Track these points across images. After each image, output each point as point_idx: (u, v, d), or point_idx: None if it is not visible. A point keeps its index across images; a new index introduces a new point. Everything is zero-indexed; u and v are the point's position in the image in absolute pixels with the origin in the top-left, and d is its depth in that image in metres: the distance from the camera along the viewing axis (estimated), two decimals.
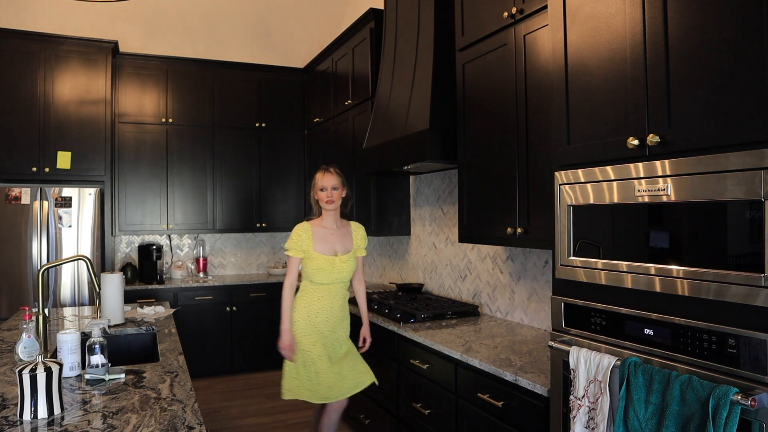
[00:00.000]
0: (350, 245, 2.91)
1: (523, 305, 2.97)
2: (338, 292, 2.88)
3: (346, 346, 2.93)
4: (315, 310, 2.82)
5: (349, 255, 2.87)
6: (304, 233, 2.83)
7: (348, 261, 2.85)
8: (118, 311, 2.95)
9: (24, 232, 4.24)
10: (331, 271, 2.81)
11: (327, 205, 2.85)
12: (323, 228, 2.88)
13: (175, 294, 4.86)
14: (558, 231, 1.78)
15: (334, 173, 2.87)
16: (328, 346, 2.84)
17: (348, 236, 2.93)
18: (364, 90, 4.13)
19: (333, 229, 2.89)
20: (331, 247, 2.85)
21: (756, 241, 1.23)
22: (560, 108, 1.79)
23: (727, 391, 1.24)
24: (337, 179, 2.86)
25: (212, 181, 5.25)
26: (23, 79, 4.42)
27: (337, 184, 2.85)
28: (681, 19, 1.41)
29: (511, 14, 2.45)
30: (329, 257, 2.82)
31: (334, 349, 2.87)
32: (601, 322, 1.64)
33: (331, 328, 2.85)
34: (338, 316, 2.88)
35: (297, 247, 2.82)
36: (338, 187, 2.86)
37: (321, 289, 2.84)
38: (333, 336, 2.86)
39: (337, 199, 2.85)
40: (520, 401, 2.03)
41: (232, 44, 5.55)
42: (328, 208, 2.85)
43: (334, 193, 2.84)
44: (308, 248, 2.81)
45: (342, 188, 2.88)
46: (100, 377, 1.94)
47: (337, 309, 2.87)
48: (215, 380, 4.92)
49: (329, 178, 2.85)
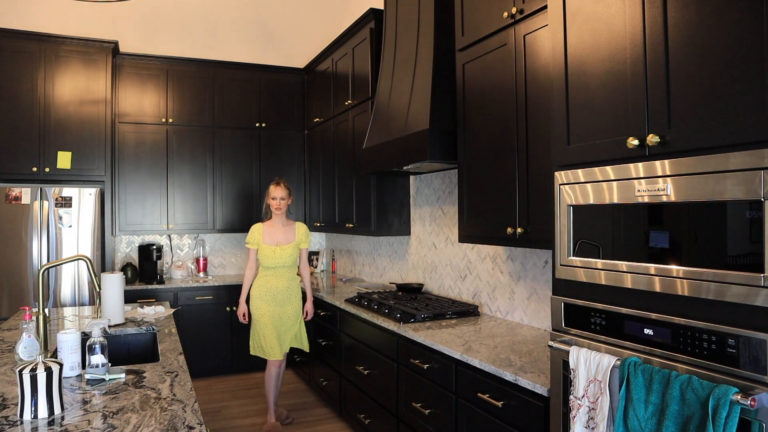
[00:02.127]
0: (292, 238, 3.82)
1: (523, 305, 2.97)
2: (283, 275, 3.78)
3: (292, 319, 3.81)
4: (265, 289, 3.74)
5: (290, 245, 3.78)
6: (256, 231, 3.82)
7: (288, 249, 3.76)
8: (119, 311, 2.95)
9: (24, 232, 4.24)
10: (273, 257, 3.73)
11: (276, 211, 3.80)
12: (272, 227, 3.82)
13: (175, 294, 4.86)
14: (558, 231, 1.78)
15: (284, 187, 3.80)
16: (275, 316, 3.72)
17: (291, 232, 3.83)
18: (364, 90, 4.13)
19: (279, 227, 3.82)
20: (275, 239, 3.78)
21: (756, 241, 1.23)
22: (560, 108, 1.80)
23: (727, 391, 1.24)
24: (285, 191, 3.80)
25: (212, 181, 5.25)
26: (23, 79, 4.42)
27: (285, 196, 3.78)
28: (681, 19, 1.41)
29: (511, 14, 2.45)
30: (272, 247, 3.75)
31: (281, 320, 3.75)
32: (601, 322, 1.64)
33: (278, 303, 3.74)
34: (283, 294, 3.77)
35: (252, 240, 3.80)
36: (285, 198, 3.79)
37: (269, 272, 3.76)
38: (280, 310, 3.75)
39: (283, 207, 3.79)
40: (520, 401, 2.03)
41: (232, 44, 5.55)
42: (276, 213, 3.81)
43: (282, 202, 3.78)
44: (259, 241, 3.77)
45: (288, 198, 3.80)
46: (100, 377, 1.94)
47: (282, 288, 3.76)
48: (215, 380, 4.92)
49: (279, 191, 3.78)
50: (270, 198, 3.80)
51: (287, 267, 3.78)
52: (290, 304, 3.79)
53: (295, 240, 3.81)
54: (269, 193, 3.81)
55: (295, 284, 3.84)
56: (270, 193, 3.81)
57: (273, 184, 3.81)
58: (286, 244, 3.77)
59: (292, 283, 3.82)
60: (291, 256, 3.77)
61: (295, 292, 3.83)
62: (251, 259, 3.85)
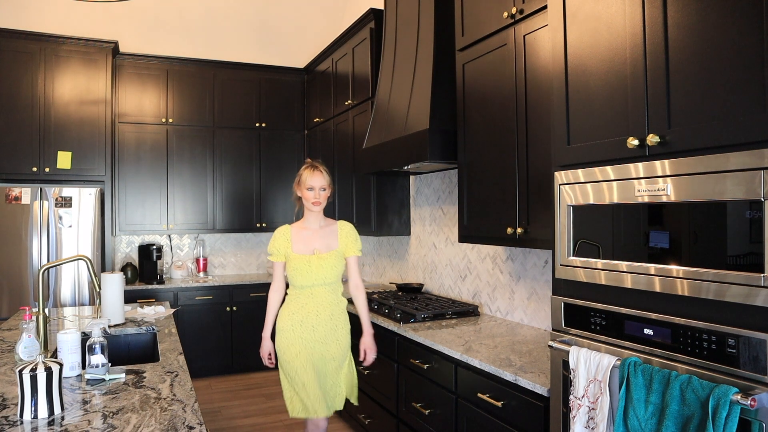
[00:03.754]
0: (334, 243, 2.70)
1: (523, 305, 2.97)
2: (324, 297, 2.65)
3: (339, 360, 2.69)
4: (299, 319, 2.63)
5: (331, 254, 2.67)
6: (282, 236, 2.70)
7: (327, 259, 2.64)
8: (119, 311, 2.95)
9: (24, 232, 4.24)
10: (308, 270, 2.62)
11: (313, 206, 2.68)
12: (305, 229, 2.73)
13: (175, 294, 4.86)
14: (558, 231, 1.78)
15: (323, 172, 2.69)
16: (315, 356, 2.62)
17: (332, 235, 2.73)
18: (364, 90, 4.13)
19: (315, 230, 2.72)
20: (310, 245, 2.68)
21: (756, 241, 1.23)
22: (560, 108, 1.79)
23: (727, 391, 1.24)
24: (326, 179, 2.68)
25: (212, 181, 5.25)
26: (23, 79, 4.42)
27: (325, 185, 2.68)
28: (681, 19, 1.41)
29: (511, 14, 2.45)
30: (306, 256, 2.64)
31: (323, 361, 2.65)
32: (601, 322, 1.64)
33: (318, 338, 2.63)
34: (327, 325, 2.64)
35: (276, 250, 2.70)
36: (326, 187, 2.68)
37: (304, 294, 2.66)
38: (322, 348, 2.64)
39: (323, 201, 2.68)
40: (520, 401, 2.03)
41: (232, 44, 5.55)
42: (314, 209, 2.69)
43: (322, 194, 2.67)
44: (287, 250, 2.68)
45: (329, 188, 2.71)
46: (100, 377, 1.94)
47: (325, 316, 2.64)
48: (215, 380, 4.92)
49: (318, 178, 2.66)
50: (303, 188, 2.69)
51: (329, 285, 2.68)
52: (335, 340, 2.68)
53: (338, 246, 2.71)
54: (301, 181, 2.69)
55: (341, 309, 2.73)
56: (303, 180, 2.69)
57: (307, 169, 2.70)
58: (326, 252, 2.68)
59: (337, 307, 2.71)
60: (334, 268, 2.67)
61: (341, 321, 2.71)
62: (276, 277, 2.76)
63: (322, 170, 2.69)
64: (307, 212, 2.74)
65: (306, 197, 2.68)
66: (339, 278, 2.71)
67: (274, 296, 2.77)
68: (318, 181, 2.66)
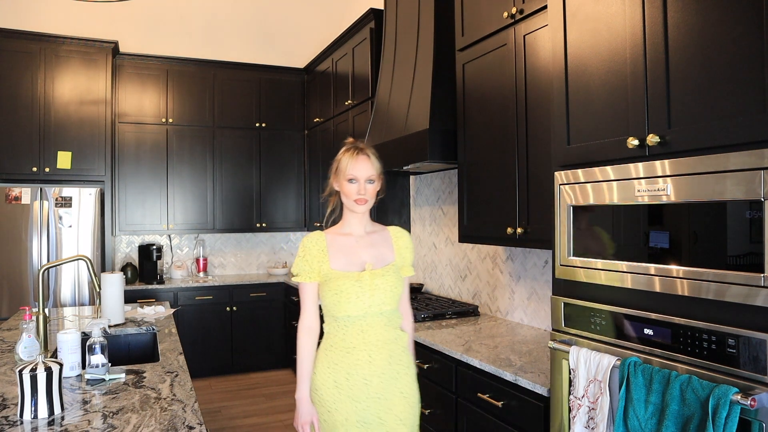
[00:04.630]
0: (390, 255, 1.94)
1: (522, 305, 2.97)
2: (379, 333, 1.84)
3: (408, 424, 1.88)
4: (344, 371, 1.81)
5: (388, 269, 1.88)
6: (314, 245, 1.88)
7: (385, 277, 1.85)
8: (119, 311, 2.95)
9: (24, 232, 4.24)
10: (358, 294, 1.81)
11: (357, 206, 1.89)
12: (345, 236, 1.94)
13: (175, 294, 4.86)
14: (558, 231, 1.78)
15: (371, 157, 1.92)
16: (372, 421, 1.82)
17: (385, 243, 1.97)
18: (364, 90, 4.13)
19: (361, 237, 1.95)
20: (356, 258, 1.89)
21: (756, 241, 1.23)
22: (560, 108, 1.79)
23: (727, 391, 1.24)
24: (375, 167, 1.92)
25: (212, 181, 5.25)
26: (23, 79, 4.42)
27: (373, 175, 1.91)
28: (681, 19, 1.41)
29: (511, 14, 2.45)
30: (354, 273, 1.85)
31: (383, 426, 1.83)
32: (601, 322, 1.64)
33: (375, 394, 1.82)
34: (385, 374, 1.82)
35: (306, 267, 1.87)
36: (375, 178, 1.92)
37: (351, 331, 1.83)
38: (381, 408, 1.83)
39: (371, 197, 1.92)
40: (520, 401, 2.03)
41: (232, 44, 5.55)
42: (358, 209, 1.90)
43: (369, 188, 1.90)
44: (322, 266, 1.87)
45: (379, 180, 1.95)
46: (100, 377, 1.94)
47: (381, 362, 1.82)
48: (215, 380, 4.92)
49: (364, 165, 1.89)
50: (342, 180, 1.91)
51: (386, 315, 1.87)
52: (398, 393, 1.87)
53: (394, 259, 1.95)
54: (340, 169, 1.92)
55: (402, 347, 1.91)
56: (342, 169, 1.91)
57: (348, 152, 1.92)
58: (381, 267, 1.90)
59: (397, 346, 1.89)
60: (394, 289, 1.87)
61: (404, 364, 1.90)
62: (306, 308, 1.91)
63: (370, 154, 1.92)
64: (347, 214, 1.96)
65: (347, 193, 1.90)
66: (398, 305, 1.93)
67: (306, 339, 1.89)
68: (364, 169, 1.88)
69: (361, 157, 1.91)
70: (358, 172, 1.89)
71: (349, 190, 1.90)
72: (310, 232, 1.99)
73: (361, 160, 1.90)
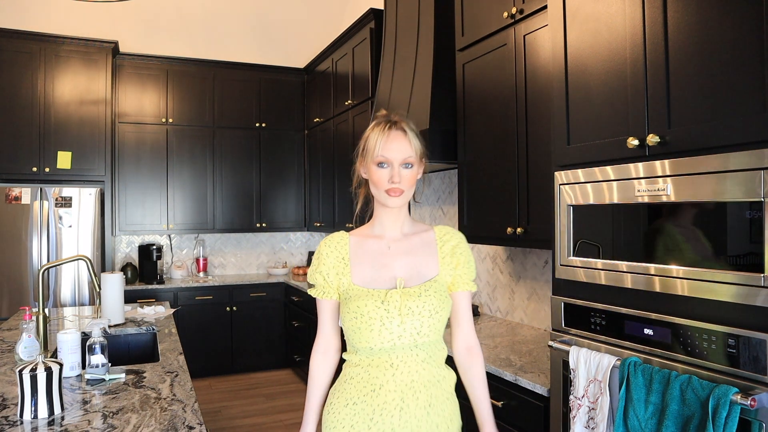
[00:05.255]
0: (431, 267, 1.48)
1: (523, 305, 2.97)
2: (415, 372, 1.41)
3: None
4: (366, 415, 1.39)
5: (428, 286, 1.44)
6: (333, 252, 1.50)
7: (425, 297, 1.41)
8: (119, 311, 2.95)
9: (24, 232, 4.24)
10: (386, 319, 1.39)
11: (390, 198, 1.45)
12: (375, 239, 1.52)
13: (175, 294, 4.86)
14: (558, 231, 1.78)
15: (409, 132, 1.47)
16: None
17: (427, 250, 1.51)
18: (364, 90, 4.13)
19: (394, 241, 1.51)
20: (385, 271, 1.46)
21: (756, 241, 1.23)
22: (560, 108, 1.80)
23: (727, 391, 1.24)
24: (414, 146, 1.47)
25: (212, 181, 5.25)
26: (23, 79, 4.42)
27: (412, 157, 1.46)
28: (681, 19, 1.41)
29: (511, 14, 2.45)
30: (380, 291, 1.42)
31: None
32: (601, 322, 1.64)
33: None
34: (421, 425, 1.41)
35: (321, 280, 1.50)
36: (414, 162, 1.47)
37: (376, 367, 1.41)
38: None
39: (409, 186, 1.47)
40: (520, 401, 2.03)
41: (232, 44, 5.55)
42: (391, 203, 1.46)
43: (405, 174, 1.45)
44: (342, 280, 1.47)
45: (420, 165, 1.52)
46: (100, 377, 1.94)
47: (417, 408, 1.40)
48: (215, 380, 4.92)
49: (399, 143, 1.44)
50: (371, 164, 1.47)
51: (425, 348, 1.45)
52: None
53: (438, 272, 1.49)
54: (367, 149, 1.48)
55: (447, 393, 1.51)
56: (370, 149, 1.47)
57: (379, 127, 1.48)
58: (417, 284, 1.46)
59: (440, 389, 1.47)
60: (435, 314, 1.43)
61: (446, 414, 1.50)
62: (322, 326, 1.55)
63: (406, 129, 1.47)
64: (378, 210, 1.53)
65: (376, 181, 1.45)
66: (441, 334, 1.48)
67: (318, 365, 1.54)
68: (398, 149, 1.44)
69: (396, 132, 1.45)
70: (390, 152, 1.43)
71: (379, 178, 1.44)
72: (333, 233, 1.56)
73: (396, 137, 1.44)
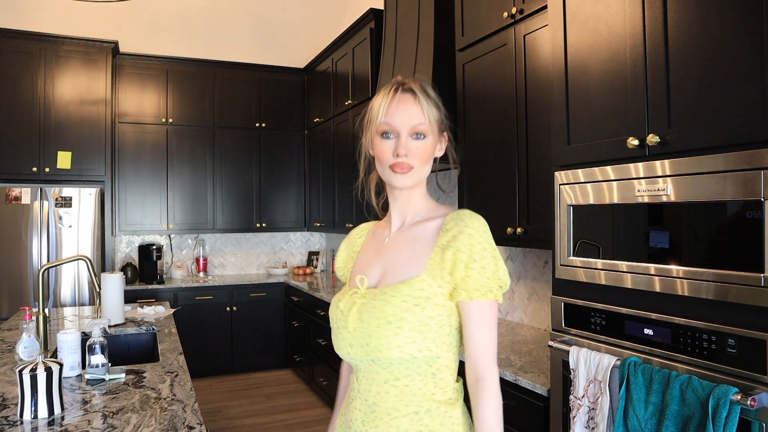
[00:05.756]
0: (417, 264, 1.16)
1: (523, 305, 2.97)
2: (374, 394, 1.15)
3: None
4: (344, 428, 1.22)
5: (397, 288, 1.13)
6: (346, 246, 1.41)
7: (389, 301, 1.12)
8: (119, 311, 2.95)
9: (24, 232, 4.24)
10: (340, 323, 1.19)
11: (395, 176, 1.18)
12: (382, 229, 1.33)
13: (175, 294, 4.86)
14: (558, 231, 1.78)
15: (421, 97, 1.17)
16: None
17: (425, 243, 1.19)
18: (364, 90, 4.13)
19: (398, 231, 1.26)
20: (370, 268, 1.25)
21: (756, 241, 1.23)
22: (560, 108, 1.79)
23: (727, 391, 1.24)
24: (427, 112, 1.17)
25: (212, 181, 5.25)
26: (23, 79, 4.42)
27: (424, 124, 1.17)
28: (681, 20, 1.41)
29: (511, 14, 2.45)
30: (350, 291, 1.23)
31: None
32: (601, 322, 1.64)
33: None
34: None
35: (340, 274, 1.40)
36: (426, 131, 1.17)
37: (352, 379, 1.24)
38: None
39: (421, 161, 1.18)
40: (520, 401, 2.03)
41: (232, 44, 5.55)
42: (398, 182, 1.19)
43: (414, 146, 1.17)
44: (347, 271, 1.36)
45: (436, 136, 1.20)
46: (100, 377, 1.94)
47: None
48: (215, 380, 4.92)
49: (408, 108, 1.16)
50: (375, 135, 1.19)
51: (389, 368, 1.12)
52: None
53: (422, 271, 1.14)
54: (371, 116, 1.19)
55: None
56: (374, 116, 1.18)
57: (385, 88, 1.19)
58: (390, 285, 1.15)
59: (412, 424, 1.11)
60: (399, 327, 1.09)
61: None
62: None
63: (418, 92, 1.18)
64: (389, 194, 1.29)
65: (379, 155, 1.20)
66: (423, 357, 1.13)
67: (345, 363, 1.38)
68: (406, 114, 1.16)
69: (403, 96, 1.17)
70: (395, 119, 1.16)
71: (382, 151, 1.17)
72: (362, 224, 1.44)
73: (403, 101, 1.16)
